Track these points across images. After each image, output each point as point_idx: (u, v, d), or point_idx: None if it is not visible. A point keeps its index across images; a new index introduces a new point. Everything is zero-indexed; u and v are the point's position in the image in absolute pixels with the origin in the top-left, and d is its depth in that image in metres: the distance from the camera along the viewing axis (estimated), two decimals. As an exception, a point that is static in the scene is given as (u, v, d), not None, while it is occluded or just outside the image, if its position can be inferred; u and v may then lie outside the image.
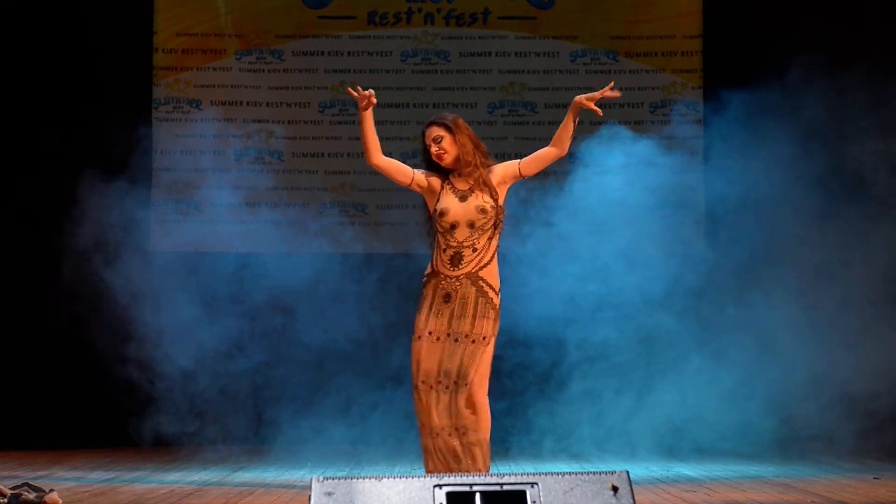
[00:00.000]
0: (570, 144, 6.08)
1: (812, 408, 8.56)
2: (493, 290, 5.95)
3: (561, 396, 8.73)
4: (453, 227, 5.92)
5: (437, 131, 6.03)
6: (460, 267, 5.93)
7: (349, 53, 9.66)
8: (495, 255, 5.98)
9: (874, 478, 6.88)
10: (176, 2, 9.64)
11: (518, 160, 6.10)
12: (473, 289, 5.93)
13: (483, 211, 5.93)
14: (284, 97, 9.61)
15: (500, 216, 6.00)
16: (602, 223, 8.42)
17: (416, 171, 6.06)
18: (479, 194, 5.96)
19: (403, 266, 8.94)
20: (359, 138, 9.48)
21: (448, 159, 5.99)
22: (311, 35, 9.67)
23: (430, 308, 5.94)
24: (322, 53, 9.66)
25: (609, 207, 8.37)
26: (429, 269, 6.01)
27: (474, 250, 5.94)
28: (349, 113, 9.61)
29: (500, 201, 6.00)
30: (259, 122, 9.58)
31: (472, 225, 5.92)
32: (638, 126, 9.14)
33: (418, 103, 9.61)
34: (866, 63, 8.73)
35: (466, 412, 5.88)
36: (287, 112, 9.62)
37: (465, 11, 9.70)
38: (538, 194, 8.42)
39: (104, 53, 9.40)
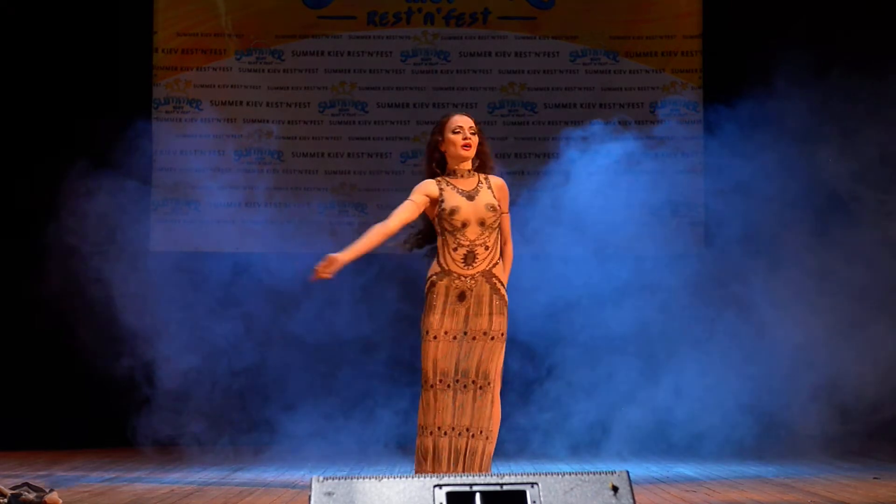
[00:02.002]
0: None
1: (806, 408, 8.56)
2: (504, 286, 5.99)
3: (558, 396, 8.73)
4: (464, 225, 5.92)
5: (471, 122, 6.07)
6: (474, 265, 5.94)
7: (349, 53, 9.66)
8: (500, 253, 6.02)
9: (874, 478, 6.89)
10: (176, 2, 9.64)
11: (507, 213, 6.09)
12: (487, 286, 5.95)
13: (493, 208, 5.96)
14: (284, 97, 9.61)
15: (501, 216, 6.02)
16: (599, 222, 8.42)
17: (412, 200, 5.99)
18: (486, 192, 5.98)
19: (403, 265, 8.93)
20: (359, 138, 9.64)
21: (471, 153, 6.01)
22: (311, 35, 9.66)
23: (444, 308, 5.92)
24: (322, 53, 9.66)
25: (607, 207, 8.36)
26: (437, 269, 5.97)
27: (486, 248, 5.95)
28: (349, 113, 9.61)
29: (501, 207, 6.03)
30: (259, 122, 9.58)
31: (482, 223, 5.94)
32: (637, 126, 9.13)
33: (418, 103, 9.61)
34: (866, 62, 8.73)
35: (488, 412, 5.87)
36: (287, 112, 9.62)
37: (465, 11, 9.70)
38: (535, 192, 8.41)
39: (104, 53, 9.40)
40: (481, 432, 5.86)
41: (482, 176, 6.04)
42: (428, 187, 6.03)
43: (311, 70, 9.64)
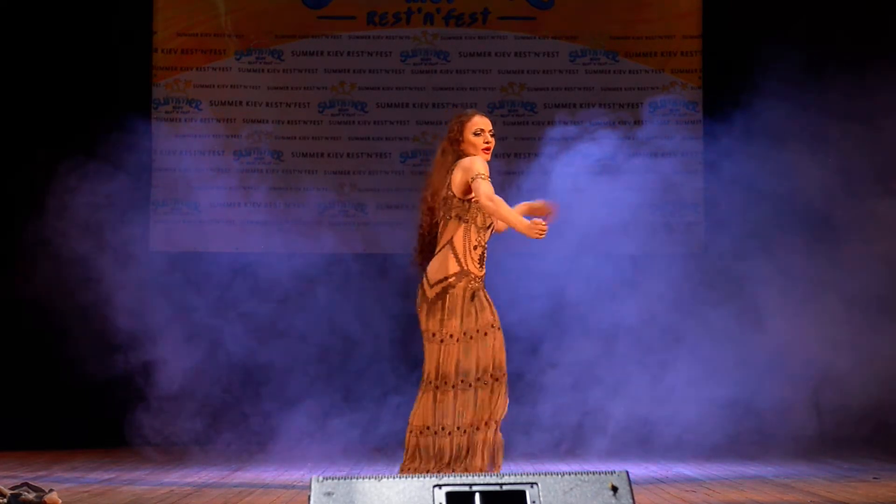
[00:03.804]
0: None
1: (804, 408, 8.56)
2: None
3: (556, 396, 8.73)
4: (488, 227, 5.97)
5: (490, 125, 6.06)
6: (484, 268, 5.97)
7: (349, 53, 9.66)
8: None
9: (874, 478, 6.89)
10: (176, 2, 9.64)
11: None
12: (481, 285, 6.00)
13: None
14: (284, 97, 9.61)
15: None
16: (595, 221, 8.42)
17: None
18: None
19: (403, 266, 8.92)
20: (358, 138, 9.64)
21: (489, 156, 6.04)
22: (310, 35, 9.66)
23: (462, 311, 5.87)
24: (322, 53, 9.66)
25: (604, 206, 8.36)
26: (456, 268, 5.91)
27: (486, 250, 6.01)
28: (348, 113, 9.61)
29: None
30: (259, 122, 9.58)
31: (489, 227, 6.00)
32: (637, 126, 9.14)
33: (418, 103, 9.61)
34: (866, 62, 8.73)
35: (501, 405, 5.86)
36: (287, 112, 9.62)
37: (465, 11, 9.70)
38: (533, 192, 8.40)
39: (104, 53, 9.40)
40: (485, 423, 5.85)
41: None
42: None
43: (310, 70, 9.64)
